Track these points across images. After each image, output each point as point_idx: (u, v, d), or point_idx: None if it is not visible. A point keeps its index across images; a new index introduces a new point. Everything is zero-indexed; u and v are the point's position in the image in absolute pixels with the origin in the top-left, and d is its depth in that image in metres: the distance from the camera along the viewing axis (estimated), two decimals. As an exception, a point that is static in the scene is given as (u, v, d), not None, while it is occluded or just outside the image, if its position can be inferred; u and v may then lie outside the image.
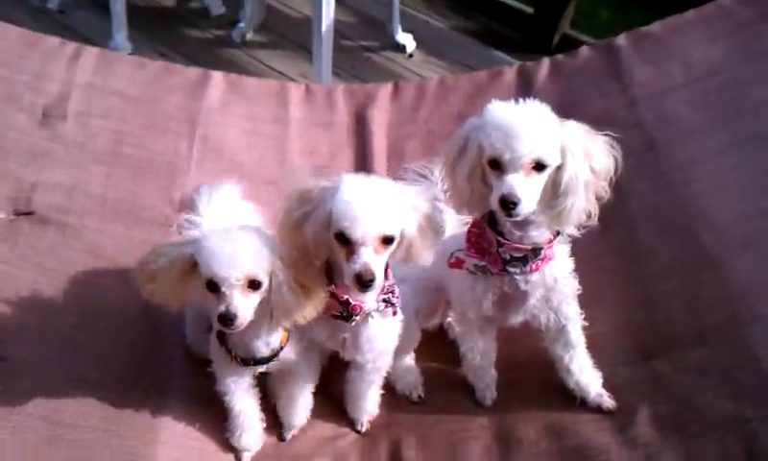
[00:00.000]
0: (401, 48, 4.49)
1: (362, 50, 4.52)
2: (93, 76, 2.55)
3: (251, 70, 4.22)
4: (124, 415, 1.86)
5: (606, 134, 1.70)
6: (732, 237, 2.07)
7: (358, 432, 2.00)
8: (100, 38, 4.11)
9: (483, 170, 1.67)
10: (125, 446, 1.80)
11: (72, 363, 1.97)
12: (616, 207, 2.17)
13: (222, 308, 1.57)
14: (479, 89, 2.74)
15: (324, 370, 1.99)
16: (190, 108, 2.59)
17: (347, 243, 1.56)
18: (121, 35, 4.18)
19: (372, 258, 1.55)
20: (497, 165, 1.60)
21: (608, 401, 1.90)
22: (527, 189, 1.58)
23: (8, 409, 1.82)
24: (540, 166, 1.60)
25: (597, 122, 1.75)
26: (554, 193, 1.65)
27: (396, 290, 1.75)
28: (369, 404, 1.98)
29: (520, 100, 1.65)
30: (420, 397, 2.06)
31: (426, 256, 1.70)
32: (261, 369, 1.82)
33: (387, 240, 1.57)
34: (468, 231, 1.79)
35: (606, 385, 1.93)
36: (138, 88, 2.58)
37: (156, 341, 2.06)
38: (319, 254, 1.65)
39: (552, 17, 4.36)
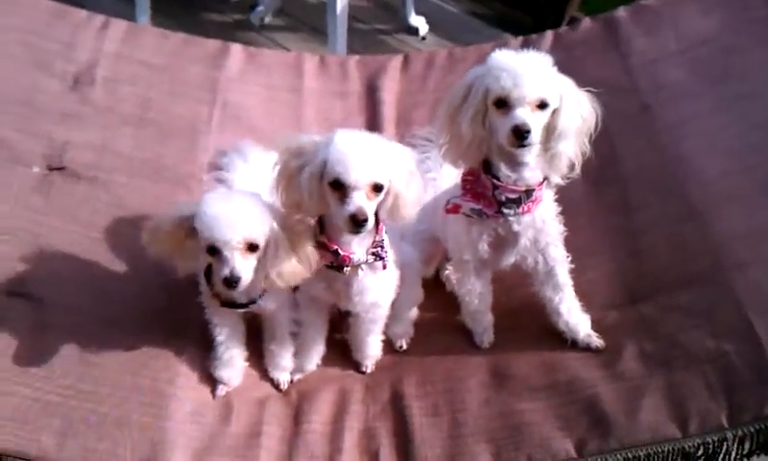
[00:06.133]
0: (414, 31, 4.61)
1: (376, 33, 4.65)
2: (120, 46, 2.68)
3: (268, 52, 4.35)
4: (148, 355, 2.01)
5: (588, 91, 1.87)
6: (717, 191, 2.18)
7: (363, 373, 2.14)
8: (124, 21, 4.25)
9: (485, 114, 1.83)
10: (149, 384, 1.95)
11: (102, 307, 2.12)
12: (610, 166, 2.34)
13: (226, 272, 1.69)
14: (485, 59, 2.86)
15: (332, 317, 2.13)
16: (211, 76, 2.73)
17: (340, 188, 1.68)
18: (144, 18, 4.32)
19: (364, 202, 1.68)
20: (504, 104, 1.77)
21: (596, 341, 2.02)
22: (535, 122, 1.76)
23: (42, 346, 1.97)
24: (542, 105, 1.77)
25: (595, 87, 1.90)
26: (548, 137, 1.83)
27: (386, 244, 1.87)
28: (370, 349, 2.13)
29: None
30: (401, 347, 2.20)
31: (411, 210, 1.80)
32: (239, 311, 1.95)
33: (377, 188, 1.70)
34: (463, 179, 1.95)
35: (595, 327, 2.06)
36: (162, 58, 2.72)
37: (174, 289, 2.17)
38: (311, 206, 1.76)
39: (561, 1, 4.46)
